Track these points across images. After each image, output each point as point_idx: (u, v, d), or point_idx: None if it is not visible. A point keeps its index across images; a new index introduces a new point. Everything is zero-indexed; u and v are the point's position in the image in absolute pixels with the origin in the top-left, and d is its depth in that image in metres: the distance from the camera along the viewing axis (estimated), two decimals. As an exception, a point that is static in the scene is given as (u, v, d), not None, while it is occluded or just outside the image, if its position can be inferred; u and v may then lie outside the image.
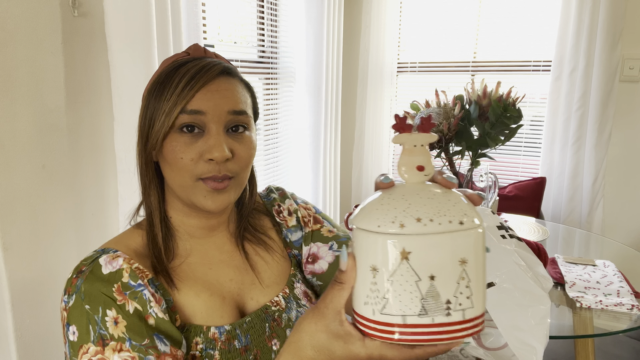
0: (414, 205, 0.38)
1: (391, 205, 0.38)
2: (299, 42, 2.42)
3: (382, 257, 0.38)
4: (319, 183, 2.57)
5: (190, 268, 0.68)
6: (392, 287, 0.37)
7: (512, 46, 2.63)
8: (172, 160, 0.63)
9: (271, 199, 0.84)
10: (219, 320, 0.66)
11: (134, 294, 0.60)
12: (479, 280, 0.39)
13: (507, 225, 0.94)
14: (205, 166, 0.62)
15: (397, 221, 0.37)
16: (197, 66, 0.64)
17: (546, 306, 0.77)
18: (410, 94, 2.94)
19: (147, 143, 0.65)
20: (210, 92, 0.63)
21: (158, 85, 0.65)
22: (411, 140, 0.41)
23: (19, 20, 1.06)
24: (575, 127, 2.39)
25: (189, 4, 1.54)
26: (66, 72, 1.19)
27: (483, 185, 1.44)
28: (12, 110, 1.07)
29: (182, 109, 0.62)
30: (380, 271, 0.38)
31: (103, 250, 0.64)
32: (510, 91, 1.31)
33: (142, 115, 0.66)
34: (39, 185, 1.15)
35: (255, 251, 0.75)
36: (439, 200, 0.38)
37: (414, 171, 0.40)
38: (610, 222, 2.51)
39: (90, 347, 0.57)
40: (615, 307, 1.16)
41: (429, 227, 0.37)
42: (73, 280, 0.61)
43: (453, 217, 0.37)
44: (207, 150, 0.62)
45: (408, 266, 0.37)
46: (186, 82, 0.62)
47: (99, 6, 1.23)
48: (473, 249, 0.38)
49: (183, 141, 0.62)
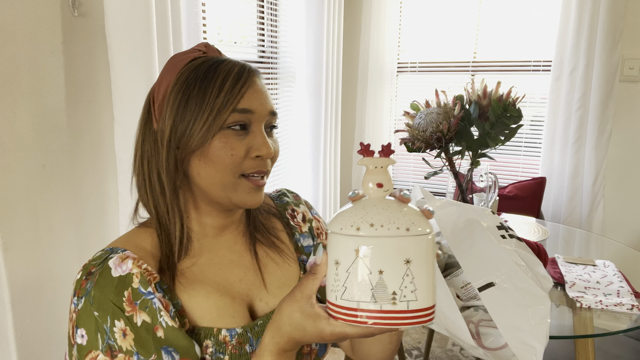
0: (370, 213, 0.47)
1: (353, 213, 0.47)
2: (299, 42, 2.42)
3: (342, 253, 0.47)
4: (319, 183, 2.57)
5: (200, 269, 0.68)
6: (349, 278, 0.46)
7: (512, 46, 2.63)
8: (218, 158, 0.63)
9: (284, 201, 0.83)
10: (230, 321, 0.65)
11: (144, 304, 0.59)
12: (423, 278, 0.46)
13: (507, 225, 0.94)
14: (251, 162, 0.64)
15: (354, 225, 0.46)
16: (237, 65, 0.65)
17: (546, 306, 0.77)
18: (410, 94, 2.95)
19: (182, 140, 0.63)
20: (256, 92, 0.65)
21: (197, 83, 0.63)
22: (373, 162, 0.49)
23: (19, 20, 1.06)
24: (576, 127, 2.39)
25: (189, 4, 1.54)
26: (66, 72, 1.19)
27: (483, 185, 1.44)
28: (12, 110, 1.07)
29: (233, 107, 0.62)
30: (341, 264, 0.47)
31: (112, 249, 0.63)
32: (510, 91, 1.31)
33: (174, 115, 0.63)
34: (39, 185, 1.15)
35: (266, 253, 0.75)
36: (392, 211, 0.47)
37: (375, 188, 0.49)
38: (610, 222, 2.51)
39: (99, 354, 0.57)
40: (615, 307, 1.16)
41: (379, 231, 0.45)
42: (82, 282, 0.60)
43: (401, 224, 0.46)
44: (256, 148, 0.64)
45: (362, 261, 0.46)
46: (234, 80, 0.63)
47: (99, 6, 1.23)
48: (417, 251, 0.46)
49: (234, 137, 0.63)
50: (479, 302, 0.99)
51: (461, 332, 0.80)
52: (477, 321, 0.96)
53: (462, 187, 1.43)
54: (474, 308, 1.01)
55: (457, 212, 0.93)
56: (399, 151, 3.08)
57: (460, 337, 0.81)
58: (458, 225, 0.91)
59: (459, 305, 0.91)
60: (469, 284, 1.00)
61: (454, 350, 2.28)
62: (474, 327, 0.94)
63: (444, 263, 1.10)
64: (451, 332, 0.83)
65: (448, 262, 1.10)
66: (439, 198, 1.00)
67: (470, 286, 1.00)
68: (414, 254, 0.45)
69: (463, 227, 0.90)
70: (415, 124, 1.35)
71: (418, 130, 1.34)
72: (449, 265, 1.10)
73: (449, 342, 2.35)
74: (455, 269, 1.06)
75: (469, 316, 0.98)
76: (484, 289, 0.83)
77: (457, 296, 1.02)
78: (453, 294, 0.93)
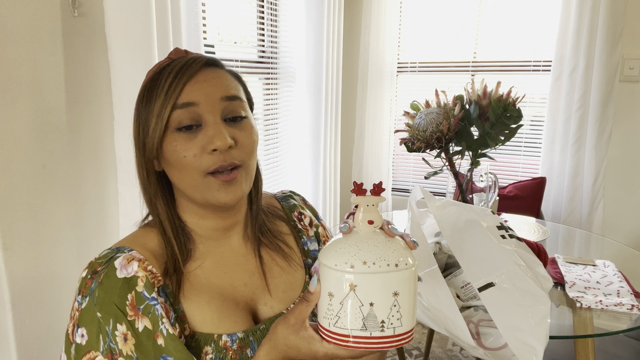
0: (363, 251, 0.51)
1: (346, 249, 0.52)
2: (299, 42, 2.42)
3: (336, 287, 0.51)
4: (319, 183, 2.57)
5: (205, 273, 0.67)
6: (342, 309, 0.51)
7: (512, 46, 2.63)
8: (175, 162, 0.62)
9: (291, 203, 0.82)
10: (232, 327, 0.65)
11: (147, 309, 0.59)
12: (407, 306, 0.51)
13: (507, 225, 0.94)
14: (210, 158, 0.61)
15: (349, 262, 0.50)
16: (180, 63, 0.63)
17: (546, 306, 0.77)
18: (410, 94, 2.95)
19: (145, 151, 0.64)
20: (198, 82, 0.62)
21: (146, 91, 0.64)
22: (365, 201, 0.53)
23: (19, 20, 1.06)
24: (576, 127, 2.39)
25: (189, 4, 1.53)
26: (66, 72, 1.19)
27: (483, 185, 1.44)
28: (12, 110, 1.07)
29: (173, 105, 0.61)
30: (335, 296, 0.51)
31: (118, 249, 0.63)
32: (510, 91, 1.31)
33: (135, 125, 0.65)
34: (39, 185, 1.15)
35: (271, 257, 0.74)
36: (382, 248, 0.51)
37: (366, 224, 0.53)
38: (610, 222, 2.51)
39: (98, 356, 0.57)
40: (615, 307, 1.16)
41: (371, 268, 0.50)
42: (88, 281, 0.60)
43: (390, 261, 0.50)
44: (209, 142, 0.60)
45: (354, 295, 0.50)
46: (172, 78, 0.61)
47: (99, 6, 1.23)
48: (404, 284, 0.51)
49: (182, 139, 0.61)
50: (479, 302, 0.99)
51: (461, 332, 0.80)
52: (477, 321, 0.96)
53: (462, 187, 1.43)
54: (474, 308, 1.01)
55: (457, 212, 0.93)
56: (399, 151, 3.10)
57: (460, 337, 0.81)
58: (458, 225, 0.91)
59: (459, 305, 0.91)
60: (469, 284, 1.00)
61: (454, 350, 2.27)
62: (474, 327, 0.94)
63: (444, 263, 1.10)
64: (451, 332, 0.83)
65: (448, 262, 1.10)
66: (439, 198, 1.00)
67: (470, 286, 1.00)
68: (401, 286, 0.50)
69: (463, 227, 0.90)
70: (415, 124, 1.35)
71: (418, 130, 1.34)
72: (449, 265, 1.10)
73: (449, 342, 2.35)
74: (455, 269, 1.06)
75: (469, 316, 0.98)
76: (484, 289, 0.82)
77: (457, 296, 1.02)
78: (453, 294, 0.93)
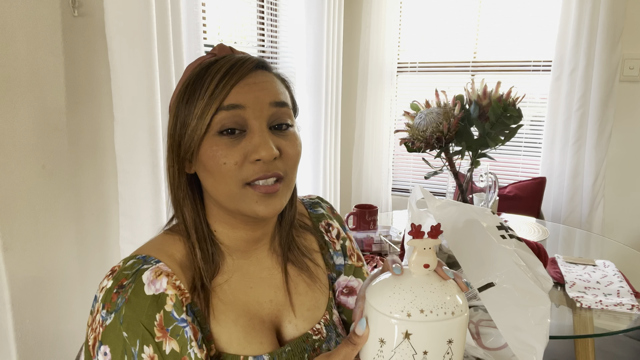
0: (419, 298, 0.49)
1: (401, 295, 0.50)
2: (299, 42, 2.42)
3: (389, 334, 0.49)
4: (319, 183, 2.57)
5: (232, 288, 0.64)
6: (394, 357, 0.49)
7: (512, 46, 2.63)
8: (213, 168, 0.57)
9: (319, 212, 0.78)
10: (258, 348, 0.62)
11: (176, 331, 0.56)
12: (459, 351, 0.50)
13: (507, 225, 0.94)
14: (251, 168, 0.57)
15: (405, 310, 0.49)
16: (230, 62, 0.59)
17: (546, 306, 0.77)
18: (410, 94, 2.95)
19: (180, 152, 0.59)
20: (247, 85, 0.58)
21: (187, 89, 0.59)
22: (422, 244, 0.52)
23: (19, 20, 1.06)
24: (576, 127, 2.39)
25: (189, 4, 1.54)
26: (66, 72, 1.19)
27: (483, 185, 1.44)
28: (12, 110, 1.07)
29: (218, 106, 0.56)
30: (386, 344, 0.49)
31: (145, 258, 0.59)
32: (510, 91, 1.31)
33: (172, 125, 0.60)
34: (39, 185, 1.15)
35: (297, 272, 0.70)
36: (438, 294, 0.50)
37: (421, 268, 0.51)
38: (610, 222, 2.51)
39: None
40: (615, 307, 1.16)
41: (429, 317, 0.48)
42: (113, 295, 0.56)
43: (447, 308, 0.49)
44: (253, 150, 0.56)
45: (408, 343, 0.48)
46: (220, 78, 0.57)
47: (99, 6, 1.23)
48: (459, 331, 0.50)
49: (224, 144, 0.56)
50: (479, 302, 0.99)
51: (461, 332, 0.80)
52: (477, 321, 0.95)
53: (462, 187, 1.43)
54: (474, 308, 1.01)
55: (457, 212, 0.93)
56: (399, 151, 3.10)
57: (460, 337, 0.81)
58: (458, 225, 0.90)
59: (459, 305, 0.91)
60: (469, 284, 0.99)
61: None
62: (474, 327, 0.94)
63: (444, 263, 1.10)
64: (451, 332, 0.82)
65: (448, 262, 1.10)
66: (439, 198, 1.00)
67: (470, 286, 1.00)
68: (456, 333, 0.49)
69: (463, 227, 0.90)
70: (415, 124, 1.35)
71: (418, 130, 1.34)
72: (448, 265, 1.10)
73: (449, 342, 2.35)
74: (455, 269, 1.06)
75: (469, 316, 0.97)
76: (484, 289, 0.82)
77: (457, 296, 1.02)
78: (453, 294, 0.93)
